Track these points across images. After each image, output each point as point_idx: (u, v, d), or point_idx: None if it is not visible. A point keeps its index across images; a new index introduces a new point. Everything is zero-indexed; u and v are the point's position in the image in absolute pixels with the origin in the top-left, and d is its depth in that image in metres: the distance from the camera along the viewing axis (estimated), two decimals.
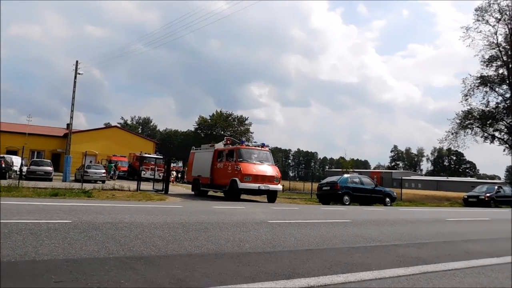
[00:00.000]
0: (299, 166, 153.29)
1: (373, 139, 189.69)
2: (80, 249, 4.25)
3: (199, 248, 4.80)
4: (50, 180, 23.16)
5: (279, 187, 17.64)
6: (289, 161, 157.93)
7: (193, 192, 20.06)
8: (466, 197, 27.10)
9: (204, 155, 20.19)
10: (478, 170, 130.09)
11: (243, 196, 18.05)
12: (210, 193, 19.55)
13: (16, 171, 24.52)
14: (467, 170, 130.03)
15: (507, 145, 35.84)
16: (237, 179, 16.36)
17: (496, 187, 26.78)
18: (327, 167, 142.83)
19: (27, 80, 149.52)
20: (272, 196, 17.33)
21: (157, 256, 4.21)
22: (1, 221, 5.73)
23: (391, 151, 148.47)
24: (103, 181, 25.31)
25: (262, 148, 18.57)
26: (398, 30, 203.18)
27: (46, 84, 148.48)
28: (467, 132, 36.59)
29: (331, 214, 12.17)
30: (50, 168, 25.39)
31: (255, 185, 16.17)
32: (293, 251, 5.08)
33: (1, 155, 26.40)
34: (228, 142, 19.74)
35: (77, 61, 31.21)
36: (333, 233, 7.03)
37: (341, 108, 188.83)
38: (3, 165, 22.49)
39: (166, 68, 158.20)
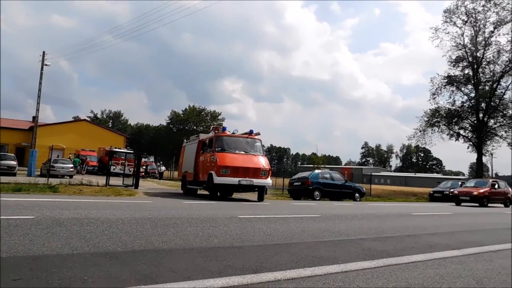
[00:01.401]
0: (272, 162, 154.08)
1: (344, 135, 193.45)
2: (43, 245, 4.12)
3: (167, 243, 4.75)
4: (14, 174, 22.33)
5: (267, 181, 14.57)
6: None
7: (182, 191, 18.18)
8: (431, 192, 28.22)
9: (191, 147, 17.72)
10: (444, 166, 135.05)
11: (236, 195, 17.04)
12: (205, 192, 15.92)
13: None
14: (433, 167, 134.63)
15: (471, 143, 37.38)
16: (213, 172, 13.77)
17: (459, 183, 27.94)
18: (299, 163, 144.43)
19: None
20: (259, 193, 14.85)
21: (123, 252, 4.13)
22: None
23: (362, 148, 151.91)
24: (71, 176, 24.64)
25: (250, 136, 15.51)
26: (370, 29, 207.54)
27: (10, 75, 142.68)
28: (434, 130, 37.95)
29: (302, 209, 12.31)
30: (14, 162, 24.49)
31: (234, 180, 13.42)
32: (262, 245, 5.10)
33: None
34: (216, 131, 15.92)
35: (43, 52, 30.17)
36: (302, 228, 7.11)
37: (312, 104, 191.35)
38: None
39: (137, 62, 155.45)
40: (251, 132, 15.41)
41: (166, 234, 5.40)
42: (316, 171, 23.22)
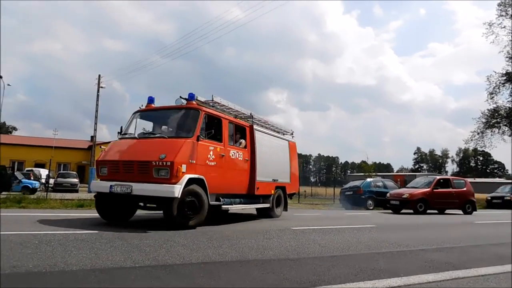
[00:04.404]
0: (320, 171, 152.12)
1: (394, 141, 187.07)
2: (107, 259, 4.31)
3: (223, 256, 4.80)
4: (76, 191, 23.73)
5: (165, 188, 6.78)
6: (310, 166, 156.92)
7: None
8: (489, 198, 26.03)
9: None
10: (507, 170, 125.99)
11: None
12: None
13: (44, 183, 25.23)
14: (495, 171, 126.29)
15: None
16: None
17: None
18: (348, 171, 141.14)
19: (50, 95, 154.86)
20: (165, 209, 7.13)
21: (182, 265, 4.22)
22: (32, 232, 5.88)
23: (414, 153, 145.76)
24: None
25: (182, 106, 8.10)
26: (416, 30, 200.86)
27: (69, 98, 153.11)
28: (494, 131, 35.59)
29: (355, 219, 11.99)
30: (76, 180, 26.05)
31: (106, 185, 7.34)
32: (318, 257, 5.01)
33: (30, 169, 27.21)
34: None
35: (99, 75, 32.05)
36: (358, 239, 6.91)
37: (359, 110, 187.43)
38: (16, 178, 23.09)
39: (184, 78, 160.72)
40: (189, 99, 8.07)
41: (221, 246, 5.46)
42: (368, 179, 22.57)
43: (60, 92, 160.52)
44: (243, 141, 9.52)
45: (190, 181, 7.15)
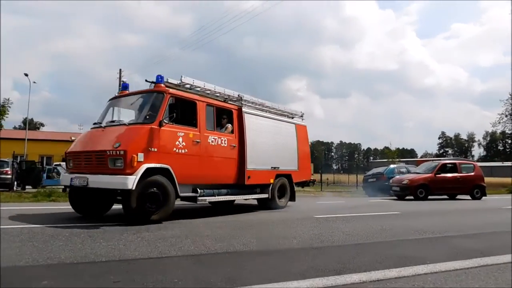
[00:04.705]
0: (343, 158, 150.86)
1: (418, 126, 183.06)
2: (134, 250, 4.42)
3: (247, 245, 4.85)
4: None
5: (119, 180, 6.26)
6: (332, 153, 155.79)
7: None
8: None
9: None
10: None
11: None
12: None
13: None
14: None
15: None
16: None
17: None
18: (371, 158, 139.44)
19: (74, 91, 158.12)
20: (123, 202, 6.65)
21: (207, 255, 4.30)
22: (62, 225, 6.08)
23: (439, 138, 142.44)
24: None
25: (147, 90, 7.55)
26: (439, 11, 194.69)
27: (92, 93, 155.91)
28: None
29: (379, 206, 11.88)
30: None
31: (68, 177, 7.10)
32: (342, 245, 5.01)
33: (58, 163, 27.93)
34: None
35: (120, 70, 32.58)
36: (382, 226, 6.86)
37: (380, 96, 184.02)
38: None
39: (203, 70, 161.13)
40: (157, 81, 7.35)
41: (245, 236, 5.51)
42: (392, 165, 22.29)
43: (83, 88, 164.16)
44: (229, 126, 8.73)
45: (151, 171, 6.52)
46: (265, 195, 9.59)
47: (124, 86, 8.26)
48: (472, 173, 16.92)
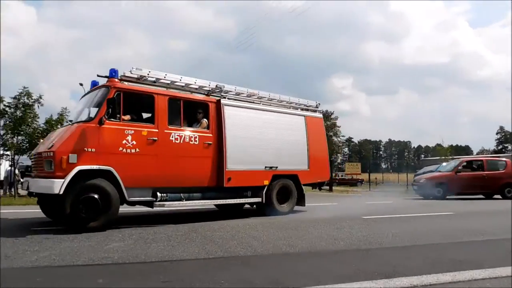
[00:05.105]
0: (392, 157, 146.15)
1: (473, 121, 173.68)
2: (183, 251, 4.54)
3: (293, 247, 4.83)
4: None
5: (54, 183, 5.69)
6: (380, 152, 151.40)
7: None
8: None
9: None
10: None
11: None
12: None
13: None
14: None
15: None
16: None
17: None
18: (422, 156, 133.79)
19: None
20: (57, 208, 6.33)
21: (253, 256, 4.33)
22: (115, 227, 6.37)
23: (497, 133, 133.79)
24: None
25: (97, 86, 7.21)
26: None
27: None
28: None
29: (431, 206, 11.38)
30: None
31: (25, 180, 7.37)
32: (391, 248, 4.85)
33: None
34: None
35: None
36: (433, 227, 6.57)
37: (430, 91, 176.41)
38: None
39: (247, 71, 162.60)
40: (110, 76, 6.77)
41: (291, 237, 5.49)
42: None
43: None
44: (204, 121, 7.73)
45: (87, 174, 5.93)
46: (257, 199, 8.27)
47: (93, 84, 7.42)
48: (503, 171, 15.70)
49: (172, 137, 7.00)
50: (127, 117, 6.71)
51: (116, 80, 6.71)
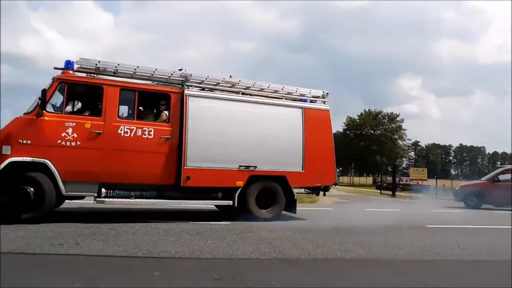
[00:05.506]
0: (463, 163, 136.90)
1: None
2: (237, 249, 4.60)
3: (349, 253, 4.69)
4: None
5: None
6: (450, 157, 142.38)
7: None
8: None
9: None
10: None
11: None
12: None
13: None
14: None
15: None
16: None
17: None
18: (498, 163, 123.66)
19: None
20: None
21: (307, 260, 4.26)
22: (174, 222, 6.61)
23: None
24: None
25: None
26: None
27: None
28: None
29: (506, 217, 10.45)
30: None
31: None
32: (457, 260, 4.52)
33: None
34: None
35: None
36: (507, 241, 6.01)
37: (509, 93, 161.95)
38: None
39: (311, 72, 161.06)
40: (65, 68, 6.61)
41: (347, 243, 5.33)
42: None
43: None
44: (164, 113, 7.12)
45: (23, 166, 5.91)
46: (227, 202, 7.27)
47: (67, 64, 6.76)
48: None
49: (121, 130, 6.57)
50: (73, 108, 6.74)
51: (71, 72, 6.52)
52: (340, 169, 64.54)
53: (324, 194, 8.88)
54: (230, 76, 7.75)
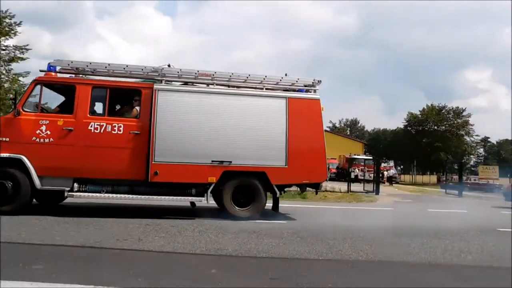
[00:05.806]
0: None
1: None
2: (293, 249, 4.59)
3: (411, 256, 4.49)
4: None
5: None
6: None
7: None
8: None
9: None
10: None
11: None
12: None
13: None
14: None
15: None
16: None
17: None
18: None
19: None
20: None
21: (364, 262, 4.14)
22: (230, 221, 6.73)
23: None
24: None
25: None
26: None
27: None
28: None
29: None
30: None
31: None
32: None
33: None
34: None
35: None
36: None
37: None
38: None
39: (368, 68, 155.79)
40: (48, 70, 7.11)
41: (410, 245, 5.11)
42: None
43: None
44: (135, 109, 7.15)
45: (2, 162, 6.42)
46: (198, 199, 7.08)
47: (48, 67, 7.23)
48: None
49: (91, 126, 6.74)
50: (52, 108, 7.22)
51: (53, 73, 6.96)
52: (402, 166, 61.92)
53: (316, 193, 8.52)
54: (248, 76, 7.61)
